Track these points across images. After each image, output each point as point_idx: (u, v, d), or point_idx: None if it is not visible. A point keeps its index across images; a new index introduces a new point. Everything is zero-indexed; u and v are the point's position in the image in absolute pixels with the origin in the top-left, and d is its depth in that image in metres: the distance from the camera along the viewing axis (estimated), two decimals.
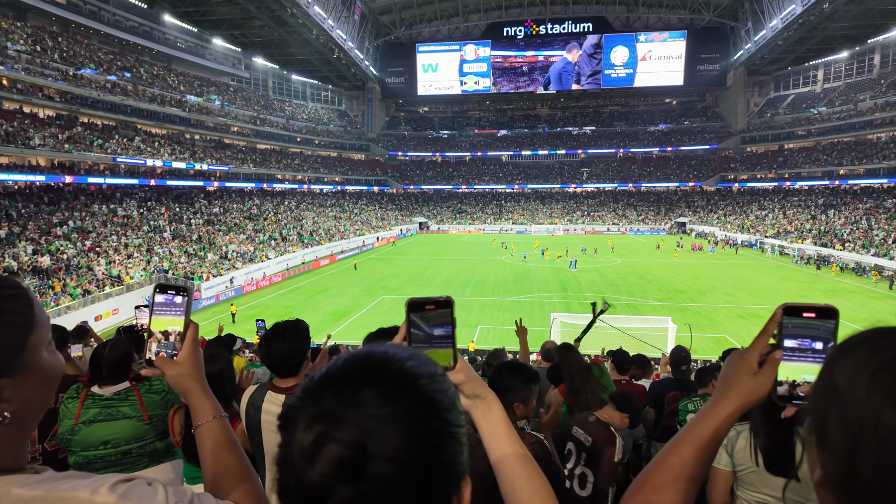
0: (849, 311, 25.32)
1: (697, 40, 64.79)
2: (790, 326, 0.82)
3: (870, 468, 0.49)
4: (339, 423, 0.51)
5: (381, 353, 0.59)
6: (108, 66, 40.21)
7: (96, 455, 2.01)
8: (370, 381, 0.55)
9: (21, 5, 36.05)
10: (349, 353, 0.60)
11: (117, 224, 32.76)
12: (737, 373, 0.87)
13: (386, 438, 0.51)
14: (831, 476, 0.53)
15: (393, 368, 0.57)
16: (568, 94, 74.46)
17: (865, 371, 0.52)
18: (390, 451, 0.50)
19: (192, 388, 1.09)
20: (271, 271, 36.44)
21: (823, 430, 0.54)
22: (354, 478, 0.49)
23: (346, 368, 0.57)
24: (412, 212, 70.87)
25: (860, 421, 0.50)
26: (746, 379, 0.85)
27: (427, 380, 0.57)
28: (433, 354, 0.85)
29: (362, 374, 0.56)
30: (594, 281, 33.25)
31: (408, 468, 0.51)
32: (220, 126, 50.90)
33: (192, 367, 1.10)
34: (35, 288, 23.20)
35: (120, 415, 2.04)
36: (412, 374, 0.57)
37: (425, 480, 0.52)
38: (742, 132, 67.67)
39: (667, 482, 0.86)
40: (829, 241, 42.19)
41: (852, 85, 58.45)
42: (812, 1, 41.36)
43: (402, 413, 0.53)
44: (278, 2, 42.09)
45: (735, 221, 56.75)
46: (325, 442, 0.50)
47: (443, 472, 0.55)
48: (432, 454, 0.54)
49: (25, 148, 29.99)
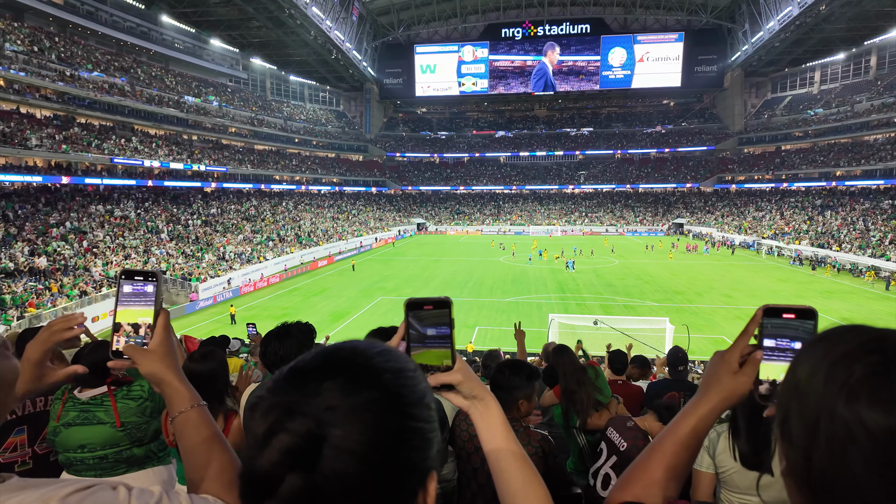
0: (845, 312, 25.41)
1: (695, 42, 64.96)
2: (770, 327, 0.84)
3: (825, 458, 0.50)
4: (293, 413, 0.51)
5: (350, 347, 0.60)
6: (105, 67, 40.15)
7: (76, 457, 2.01)
8: (333, 373, 0.55)
9: (18, 6, 35.95)
10: (320, 346, 0.60)
11: (114, 225, 32.70)
12: (718, 372, 0.89)
13: (343, 430, 0.51)
14: (792, 467, 0.55)
15: (358, 361, 0.57)
16: (566, 96, 74.58)
17: (823, 365, 0.53)
18: (347, 443, 0.50)
19: (165, 377, 1.04)
20: (269, 272, 36.39)
21: (786, 423, 0.56)
22: (305, 467, 0.49)
23: (312, 361, 0.57)
24: (410, 213, 70.86)
25: (817, 413, 0.51)
26: (727, 378, 0.87)
27: (393, 374, 0.57)
28: (431, 354, 0.86)
29: (327, 367, 0.56)
30: (592, 282, 33.28)
31: (365, 462, 0.51)
32: (218, 127, 50.83)
33: (165, 356, 1.05)
34: (32, 289, 23.14)
35: (95, 420, 2.02)
36: (377, 367, 0.57)
37: (384, 475, 0.52)
38: (739, 133, 67.84)
39: (651, 479, 0.88)
40: (826, 242, 42.31)
41: (849, 87, 58.66)
42: (808, 3, 41.51)
43: (362, 406, 0.52)
44: (276, 3, 42.08)
45: (732, 222, 56.89)
46: (275, 431, 0.50)
47: (405, 467, 0.54)
48: (393, 449, 0.53)
49: (22, 149, 29.90)
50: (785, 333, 0.83)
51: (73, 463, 2.03)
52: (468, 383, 0.89)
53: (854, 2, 42.31)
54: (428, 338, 0.86)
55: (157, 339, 1.05)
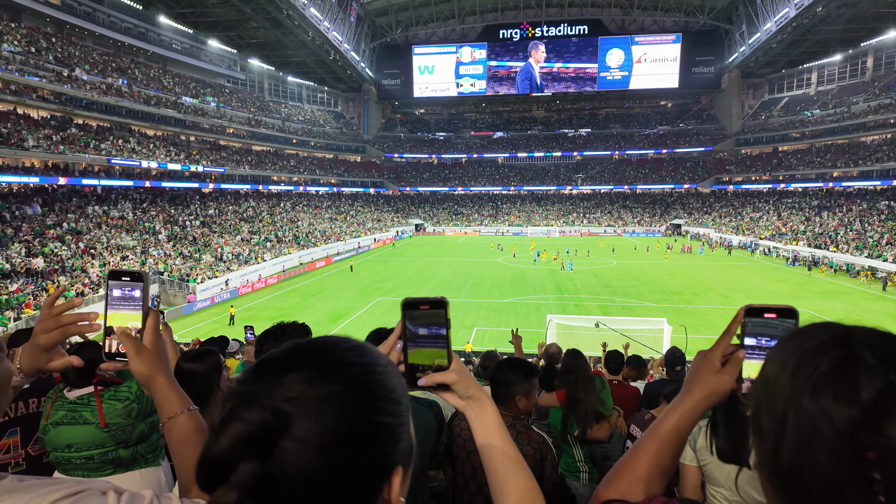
0: (842, 312, 25.48)
1: (692, 43, 65.12)
2: (752, 326, 0.85)
3: (792, 451, 0.51)
4: (249, 402, 0.51)
5: (321, 341, 0.60)
6: (102, 68, 40.08)
7: (64, 457, 2.02)
8: (299, 365, 0.55)
9: (15, 6, 35.89)
10: (293, 340, 0.59)
11: (112, 226, 32.63)
12: (700, 371, 0.91)
13: (303, 422, 0.51)
14: (762, 460, 0.56)
15: (326, 354, 0.57)
16: (563, 97, 74.69)
17: (792, 360, 0.54)
18: (306, 434, 0.50)
19: (156, 379, 1.02)
20: (267, 273, 36.34)
21: (756, 416, 0.57)
22: (260, 456, 0.49)
23: (281, 353, 0.57)
24: (408, 213, 70.84)
25: (784, 407, 0.53)
26: (709, 377, 0.89)
27: (360, 368, 0.57)
28: (428, 354, 0.86)
29: (294, 358, 0.56)
30: (590, 283, 33.31)
31: (326, 454, 0.51)
32: (216, 128, 50.78)
33: (156, 357, 1.03)
34: (29, 290, 23.08)
35: (82, 419, 2.02)
36: (345, 361, 0.57)
37: (346, 468, 0.52)
38: (737, 134, 68.00)
39: (635, 476, 0.89)
40: (823, 242, 42.42)
41: (846, 88, 58.86)
42: (805, 4, 41.67)
43: (324, 398, 0.53)
44: (274, 3, 42.06)
45: (730, 223, 56.99)
46: (230, 419, 0.51)
47: (368, 461, 0.54)
48: (356, 443, 0.53)
49: (19, 149, 29.83)
50: (766, 332, 0.84)
51: (62, 462, 2.04)
52: (463, 383, 0.88)
53: (851, 3, 42.46)
54: (424, 337, 0.86)
55: (147, 340, 1.03)
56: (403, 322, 0.87)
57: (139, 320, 1.05)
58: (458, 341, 21.45)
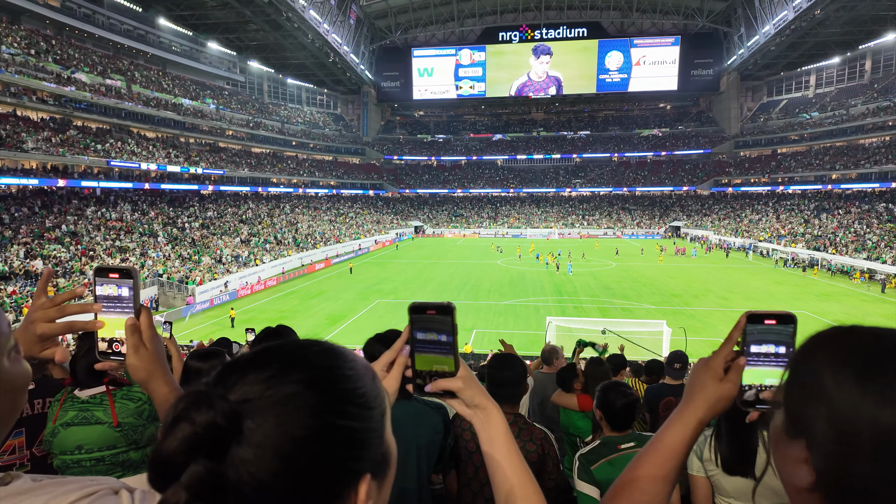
0: (841, 314, 25.50)
1: (691, 45, 65.33)
2: (754, 333, 0.84)
3: (867, 468, 0.48)
4: (200, 403, 0.50)
5: (293, 343, 0.58)
6: (102, 70, 40.10)
7: (72, 459, 1.99)
8: (261, 366, 0.54)
9: (15, 8, 35.91)
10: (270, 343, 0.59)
11: (111, 228, 32.61)
12: (703, 380, 0.88)
13: (256, 424, 0.50)
14: (822, 478, 0.52)
15: (290, 355, 0.56)
16: (563, 99, 74.83)
17: (850, 371, 0.51)
18: (258, 437, 0.49)
19: (154, 379, 1.00)
20: (266, 275, 36.31)
21: (810, 432, 0.53)
22: (209, 457, 0.48)
23: (249, 354, 0.57)
24: (408, 215, 70.86)
25: (854, 421, 0.49)
26: (712, 385, 0.86)
27: (325, 370, 0.55)
28: (434, 360, 0.86)
29: (259, 359, 0.55)
30: (589, 284, 33.32)
31: (279, 458, 0.49)
32: (215, 130, 50.81)
33: (155, 356, 1.00)
34: (28, 292, 23.06)
35: (94, 419, 1.99)
36: (309, 362, 0.56)
37: (302, 474, 0.50)
38: (736, 137, 68.13)
39: (639, 488, 0.87)
40: (822, 244, 42.48)
41: (844, 90, 59.01)
42: (804, 7, 41.80)
43: (282, 399, 0.51)
44: (274, 6, 42.13)
45: (729, 225, 57.06)
46: (179, 419, 0.50)
47: (329, 467, 0.52)
48: (314, 447, 0.51)
49: (18, 151, 29.82)
50: (767, 339, 0.84)
51: (69, 465, 2.01)
52: (470, 391, 0.87)
53: (849, 6, 42.61)
54: (430, 343, 0.85)
55: (144, 338, 1.00)
56: (410, 327, 0.86)
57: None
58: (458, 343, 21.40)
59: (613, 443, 2.31)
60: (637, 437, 2.34)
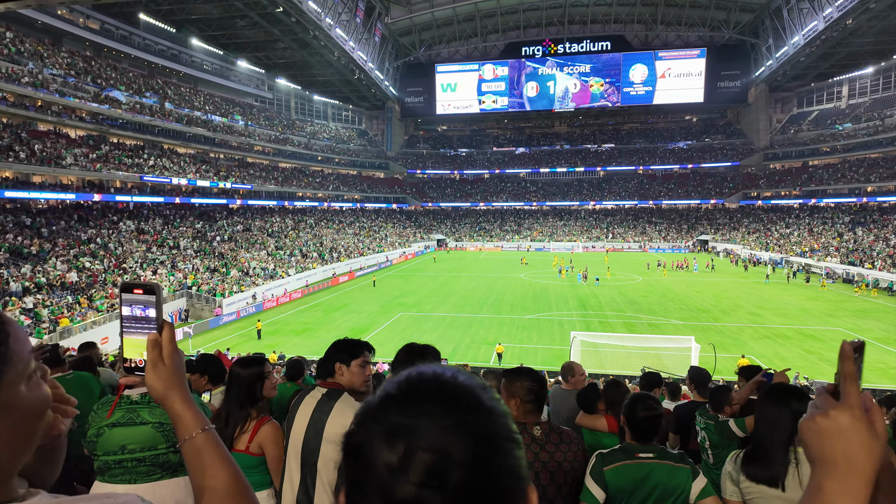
0: (879, 332, 24.53)
1: (717, 57, 64.55)
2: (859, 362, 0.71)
3: None
4: (416, 433, 0.52)
5: (432, 372, 0.60)
6: (137, 89, 41.59)
7: (114, 460, 2.01)
8: (428, 395, 0.56)
9: (57, 31, 37.68)
10: (400, 375, 0.61)
11: (143, 241, 33.53)
12: (861, 438, 0.67)
13: (457, 446, 0.52)
14: None
15: (445, 381, 0.58)
16: (586, 112, 74.55)
17: None
18: (463, 457, 0.51)
19: (170, 397, 0.98)
20: (291, 287, 36.79)
21: None
22: (442, 485, 0.50)
23: (399, 387, 0.58)
24: (430, 229, 71.13)
25: None
26: (874, 441, 0.67)
27: (481, 390, 0.58)
28: None
29: (418, 390, 0.57)
30: (614, 299, 32.82)
31: (480, 473, 0.52)
32: (244, 145, 52.07)
33: (172, 373, 0.99)
34: (64, 303, 23.79)
35: (139, 419, 2.02)
36: (466, 385, 0.58)
37: (496, 484, 0.53)
38: (765, 149, 66.74)
39: None
40: (857, 259, 41.09)
41: (878, 101, 57.40)
42: (834, 17, 40.95)
43: (465, 420, 0.54)
44: (301, 25, 43.20)
45: (759, 239, 55.68)
46: (414, 451, 0.51)
47: (510, 474, 0.55)
48: (499, 458, 0.54)
49: (58, 167, 31.02)
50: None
51: (111, 466, 2.03)
52: None
53: (881, 15, 41.59)
54: None
55: (165, 352, 1.00)
56: None
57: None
58: (481, 358, 21.29)
59: (633, 450, 2.32)
60: (659, 451, 2.32)
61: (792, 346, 22.21)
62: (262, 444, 2.46)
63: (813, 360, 20.40)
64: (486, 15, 63.51)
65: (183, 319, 28.49)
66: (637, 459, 2.28)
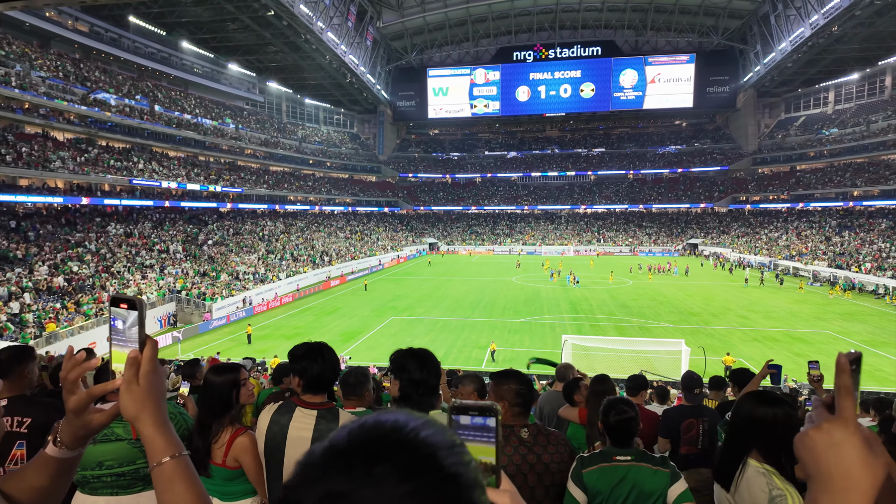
0: (867, 335, 24.82)
1: (706, 63, 65.23)
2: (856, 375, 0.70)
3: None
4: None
5: (391, 422, 0.51)
6: (126, 91, 41.27)
7: (93, 475, 2.00)
8: (383, 455, 0.47)
9: (45, 33, 37.32)
10: (353, 422, 0.52)
11: (132, 245, 33.21)
12: (860, 455, 0.64)
13: None
14: None
15: (406, 438, 0.49)
16: (577, 117, 75.03)
17: None
18: None
19: (141, 419, 0.92)
20: (282, 292, 36.60)
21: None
22: None
23: (352, 440, 0.49)
24: (422, 232, 71.13)
25: None
26: (872, 458, 0.64)
27: (447, 451, 0.49)
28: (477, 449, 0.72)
29: (372, 447, 0.48)
30: (605, 302, 32.96)
31: None
32: (235, 149, 51.81)
33: (146, 394, 0.93)
34: (50, 308, 23.49)
35: (114, 436, 1.99)
36: (429, 444, 0.49)
37: None
38: (753, 153, 67.50)
39: None
40: (844, 262, 41.58)
41: (864, 106, 58.27)
42: (820, 24, 41.55)
43: (422, 491, 0.45)
44: (293, 28, 43.13)
45: (748, 243, 56.22)
46: None
47: None
48: None
49: (45, 170, 30.68)
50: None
51: (90, 481, 2.02)
52: None
53: (867, 22, 42.26)
54: (472, 435, 0.70)
55: (141, 371, 0.94)
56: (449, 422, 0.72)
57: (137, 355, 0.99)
58: (473, 361, 21.30)
59: (611, 453, 2.36)
60: (638, 454, 2.35)
61: (780, 348, 22.41)
62: (238, 458, 2.39)
63: (801, 363, 20.59)
64: (478, 20, 63.78)
65: (172, 324, 28.24)
66: (614, 462, 2.31)
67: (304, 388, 2.33)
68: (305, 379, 2.31)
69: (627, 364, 19.51)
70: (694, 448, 4.09)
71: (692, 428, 4.10)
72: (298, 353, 2.35)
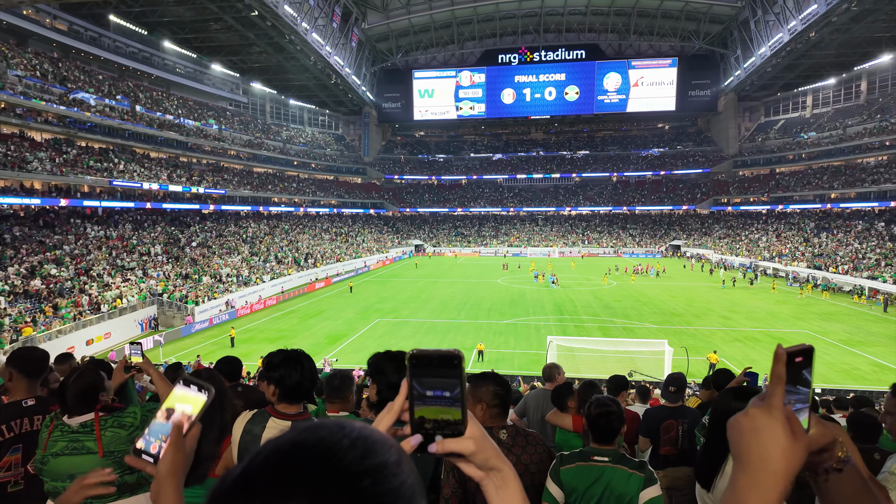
0: (844, 334, 25.33)
1: (688, 67, 66.18)
2: (805, 373, 0.73)
3: None
4: None
5: (314, 443, 0.46)
6: (107, 91, 40.57)
7: (65, 486, 1.97)
8: (300, 485, 0.42)
9: (23, 31, 36.52)
10: (271, 442, 0.47)
11: (112, 247, 32.65)
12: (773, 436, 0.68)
13: None
14: None
15: (329, 465, 0.44)
16: (562, 119, 75.60)
17: None
18: None
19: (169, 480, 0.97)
20: (266, 294, 36.26)
21: None
22: None
23: (267, 464, 0.45)
24: (408, 234, 71.03)
25: None
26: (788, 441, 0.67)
27: (372, 478, 0.45)
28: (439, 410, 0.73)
29: (289, 474, 0.43)
30: (590, 304, 33.22)
31: None
32: (218, 150, 51.21)
33: (166, 475, 0.97)
34: (27, 312, 22.99)
35: (84, 449, 1.95)
36: (353, 472, 0.44)
37: None
38: (734, 156, 68.62)
39: None
40: (822, 263, 42.44)
41: (840, 111, 59.59)
42: (798, 30, 42.41)
43: None
44: (276, 29, 42.82)
45: (729, 244, 57.11)
46: None
47: None
48: None
49: (22, 171, 30.02)
50: (801, 379, 0.74)
51: (61, 492, 1.99)
52: (482, 453, 0.72)
53: (843, 28, 43.23)
54: (434, 399, 0.71)
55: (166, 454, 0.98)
56: (410, 381, 0.72)
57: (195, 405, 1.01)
58: None
59: (590, 453, 2.39)
60: (616, 456, 2.38)
61: (761, 348, 22.78)
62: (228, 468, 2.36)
63: None
64: (463, 22, 63.94)
65: (153, 328, 27.82)
66: (591, 462, 2.34)
67: (280, 397, 2.28)
68: (283, 388, 2.27)
69: (612, 364, 19.67)
70: (673, 449, 4.14)
71: (671, 429, 4.15)
72: (276, 361, 2.29)
